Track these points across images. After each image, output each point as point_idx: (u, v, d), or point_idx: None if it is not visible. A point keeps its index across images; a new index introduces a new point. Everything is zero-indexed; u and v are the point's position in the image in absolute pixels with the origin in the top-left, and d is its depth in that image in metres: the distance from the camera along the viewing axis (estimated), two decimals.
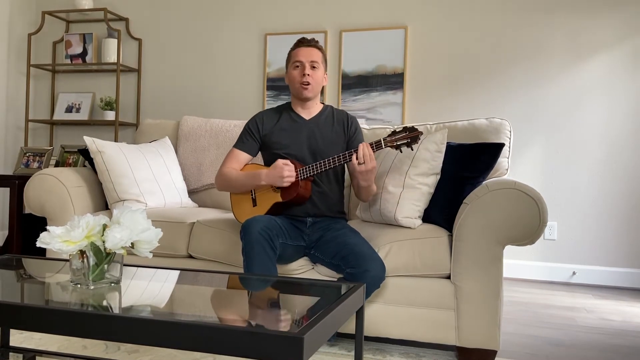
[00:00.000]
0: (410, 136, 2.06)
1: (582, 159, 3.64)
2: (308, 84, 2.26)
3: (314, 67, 2.27)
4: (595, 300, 3.19)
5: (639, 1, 3.54)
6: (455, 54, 3.83)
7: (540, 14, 3.69)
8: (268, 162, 2.36)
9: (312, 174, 2.17)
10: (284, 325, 1.20)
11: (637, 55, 3.54)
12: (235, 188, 2.32)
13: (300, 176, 2.17)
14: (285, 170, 2.12)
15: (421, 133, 2.05)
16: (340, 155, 2.13)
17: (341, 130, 2.34)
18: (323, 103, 2.42)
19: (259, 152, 2.40)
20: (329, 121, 2.35)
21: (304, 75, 2.25)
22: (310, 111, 2.36)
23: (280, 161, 2.16)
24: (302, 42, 2.30)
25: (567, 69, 3.66)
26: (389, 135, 2.09)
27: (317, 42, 2.32)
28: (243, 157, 2.35)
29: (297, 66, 2.28)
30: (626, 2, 3.55)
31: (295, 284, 1.68)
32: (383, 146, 2.09)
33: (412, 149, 2.10)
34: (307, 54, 2.27)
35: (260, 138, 2.35)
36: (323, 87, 3.99)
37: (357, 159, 2.07)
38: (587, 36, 3.62)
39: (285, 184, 2.14)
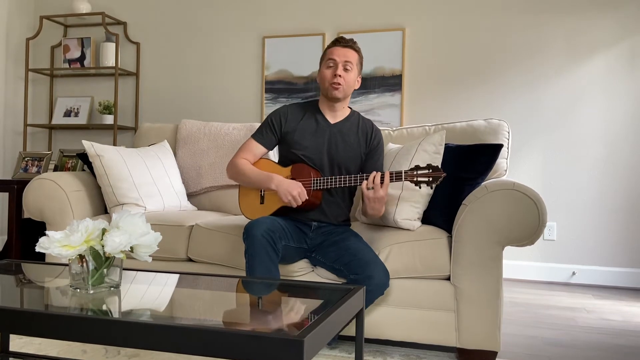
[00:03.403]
0: (432, 175, 1.98)
1: (581, 159, 3.64)
2: (339, 84, 2.19)
3: (347, 68, 2.19)
4: (595, 300, 3.19)
5: (636, 1, 3.55)
6: (453, 55, 3.83)
7: (538, 14, 3.70)
8: (283, 158, 2.31)
9: (324, 187, 2.15)
10: (285, 328, 1.20)
11: (634, 54, 3.55)
12: (244, 182, 2.28)
13: (313, 186, 2.15)
14: (296, 193, 2.08)
15: (445, 175, 1.98)
16: (356, 176, 2.09)
17: (363, 141, 2.29)
18: (351, 108, 2.36)
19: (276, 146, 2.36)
20: (353, 129, 2.29)
21: (335, 75, 2.18)
22: (336, 115, 2.30)
23: (299, 183, 2.11)
24: (339, 41, 2.21)
25: (565, 69, 3.66)
26: (410, 169, 2.02)
27: (355, 42, 2.23)
28: (259, 150, 2.30)
29: (330, 66, 2.20)
30: (624, 2, 3.56)
31: (296, 286, 1.68)
32: (403, 179, 2.02)
33: (432, 188, 2.02)
34: (342, 54, 2.19)
35: (280, 133, 2.29)
36: (317, 89, 4.00)
37: (366, 184, 2.02)
38: (584, 36, 3.62)
39: (287, 203, 2.11)
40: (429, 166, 2.00)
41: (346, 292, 1.45)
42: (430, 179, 1.98)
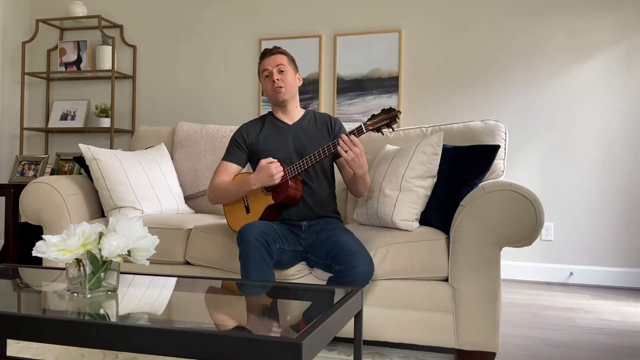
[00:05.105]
0: (389, 117, 2.09)
1: (578, 160, 3.65)
2: (280, 87, 2.30)
3: (281, 70, 2.31)
4: (593, 300, 3.19)
5: (633, 2, 3.56)
6: (449, 56, 3.84)
7: (535, 15, 3.70)
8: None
9: (299, 171, 2.18)
10: (283, 331, 1.19)
11: (632, 55, 3.56)
12: (227, 198, 2.32)
13: (289, 175, 2.19)
14: (272, 168, 2.13)
15: (399, 112, 2.09)
16: (325, 148, 2.14)
17: (325, 131, 2.38)
18: (305, 108, 2.47)
19: (248, 163, 2.43)
20: (312, 123, 2.39)
21: (273, 81, 2.30)
22: (292, 116, 2.40)
23: (263, 161, 2.16)
24: (264, 54, 2.36)
25: (562, 70, 3.67)
26: (368, 120, 2.12)
27: (278, 48, 2.37)
28: (232, 168, 2.36)
29: (267, 76, 2.33)
30: (621, 2, 3.57)
31: (293, 289, 1.68)
32: (364, 130, 2.11)
33: (393, 130, 2.14)
34: (272, 62, 2.32)
35: (247, 147, 2.38)
36: (314, 92, 4.00)
37: (343, 150, 2.08)
38: (582, 37, 3.63)
39: (277, 181, 2.14)
40: (383, 111, 2.12)
41: (344, 294, 1.45)
42: (388, 120, 2.10)
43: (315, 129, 2.37)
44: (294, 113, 2.40)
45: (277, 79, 2.30)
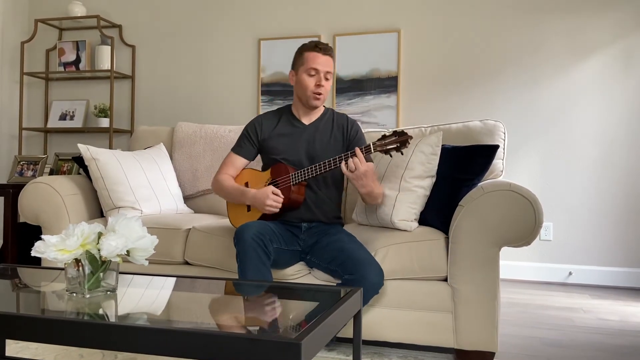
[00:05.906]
0: (399, 140, 2.01)
1: (577, 159, 3.65)
2: (321, 94, 2.22)
3: (327, 78, 2.23)
4: (592, 300, 3.19)
5: (632, 2, 3.56)
6: (448, 56, 3.84)
7: (533, 15, 3.71)
8: (266, 166, 2.34)
9: (304, 178, 2.16)
10: (282, 331, 1.19)
11: (630, 55, 3.56)
12: (226, 198, 2.34)
13: (293, 181, 2.16)
14: (270, 199, 2.11)
15: (411, 137, 2.01)
16: (330, 160, 2.09)
17: (340, 135, 2.32)
18: (324, 106, 2.39)
19: (259, 155, 2.40)
20: (328, 126, 2.33)
21: (318, 85, 2.21)
22: (310, 116, 2.33)
23: (270, 188, 2.13)
24: (319, 48, 2.21)
25: (560, 70, 3.67)
26: (378, 140, 2.05)
27: (330, 48, 2.25)
28: (240, 162, 2.35)
29: (312, 74, 2.21)
30: (619, 2, 3.58)
31: (293, 289, 1.68)
32: (372, 151, 2.04)
33: (402, 154, 2.06)
34: (325, 64, 2.21)
35: (258, 142, 2.34)
36: None
37: (347, 167, 2.03)
38: (580, 37, 3.63)
39: (266, 212, 2.14)
40: (395, 133, 2.03)
41: (343, 294, 1.45)
42: (398, 144, 2.02)
43: (330, 133, 2.30)
44: (313, 113, 2.33)
45: (322, 86, 2.21)
